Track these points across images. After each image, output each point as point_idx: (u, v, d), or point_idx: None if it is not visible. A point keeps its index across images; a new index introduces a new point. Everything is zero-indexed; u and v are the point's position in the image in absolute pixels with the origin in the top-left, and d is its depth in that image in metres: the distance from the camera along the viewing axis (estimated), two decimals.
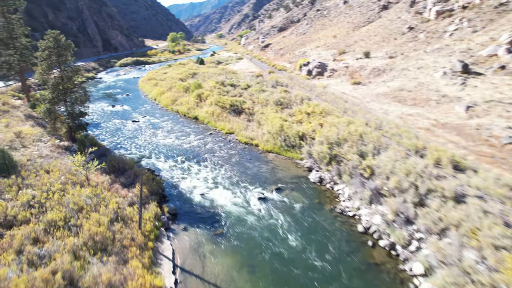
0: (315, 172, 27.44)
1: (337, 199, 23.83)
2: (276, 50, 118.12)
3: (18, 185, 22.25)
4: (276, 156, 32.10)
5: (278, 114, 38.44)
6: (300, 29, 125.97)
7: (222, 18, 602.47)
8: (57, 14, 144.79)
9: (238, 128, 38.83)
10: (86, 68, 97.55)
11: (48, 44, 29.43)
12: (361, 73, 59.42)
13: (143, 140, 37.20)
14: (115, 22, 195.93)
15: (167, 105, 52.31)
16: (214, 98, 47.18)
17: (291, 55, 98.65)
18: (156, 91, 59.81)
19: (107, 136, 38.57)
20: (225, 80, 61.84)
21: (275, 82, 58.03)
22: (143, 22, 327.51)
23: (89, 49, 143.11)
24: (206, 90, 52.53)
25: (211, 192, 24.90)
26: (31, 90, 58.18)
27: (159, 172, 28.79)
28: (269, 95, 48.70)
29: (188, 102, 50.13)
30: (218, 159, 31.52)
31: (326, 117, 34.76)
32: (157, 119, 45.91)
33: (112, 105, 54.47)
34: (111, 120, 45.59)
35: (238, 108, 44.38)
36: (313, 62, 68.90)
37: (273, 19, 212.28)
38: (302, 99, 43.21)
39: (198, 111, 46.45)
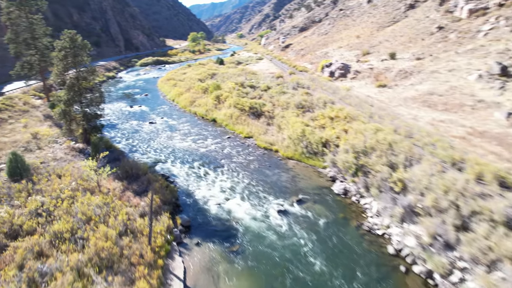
0: (339, 183, 25.44)
1: (364, 214, 21.80)
2: (297, 50, 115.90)
3: (28, 191, 21.38)
4: (297, 164, 30.25)
5: (300, 118, 36.53)
6: (322, 29, 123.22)
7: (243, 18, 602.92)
8: (82, 15, 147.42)
9: (257, 132, 37.20)
10: (106, 68, 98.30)
11: (64, 44, 28.63)
12: (386, 75, 56.66)
13: (159, 143, 36.11)
14: (137, 22, 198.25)
15: (185, 107, 51.25)
16: (233, 100, 45.72)
17: (312, 56, 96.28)
18: (175, 91, 58.96)
19: (122, 138, 37.70)
20: (244, 81, 60.35)
21: (296, 83, 56.07)
22: (165, 22, 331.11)
23: (111, 48, 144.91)
24: (225, 91, 51.15)
25: (228, 202, 23.33)
26: (51, 90, 58.46)
27: (174, 178, 27.47)
28: (290, 97, 46.82)
29: (206, 103, 48.89)
30: (236, 165, 29.95)
31: (351, 123, 32.62)
32: (175, 121, 44.84)
33: (130, 106, 53.93)
34: (128, 121, 44.85)
35: (257, 111, 42.74)
36: (336, 63, 66.48)
37: (294, 19, 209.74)
38: (325, 103, 41.14)
39: (216, 113, 45.10)
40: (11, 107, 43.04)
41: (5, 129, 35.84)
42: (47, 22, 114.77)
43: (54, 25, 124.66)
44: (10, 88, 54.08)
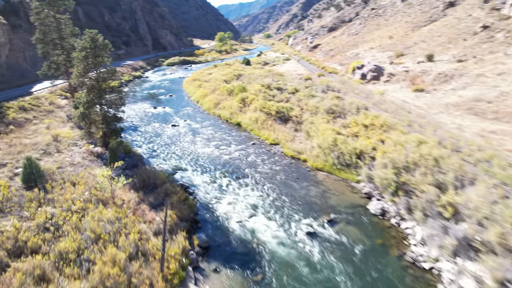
0: (376, 202, 22.65)
1: (406, 241, 18.96)
2: (325, 51, 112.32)
3: (39, 200, 20.08)
4: (328, 176, 27.62)
5: (330, 125, 33.79)
6: (352, 29, 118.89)
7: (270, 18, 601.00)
8: (113, 15, 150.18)
9: (284, 139, 34.80)
10: (133, 67, 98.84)
11: (85, 45, 27.44)
12: (423, 78, 52.64)
13: (180, 148, 34.47)
14: (165, 22, 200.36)
15: (209, 109, 49.60)
16: (259, 103, 43.53)
17: (342, 57, 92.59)
18: (199, 93, 57.52)
19: (143, 142, 36.36)
20: (271, 83, 58.05)
21: (326, 86, 53.16)
22: (193, 22, 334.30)
23: (139, 48, 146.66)
24: (251, 93, 49.05)
25: (251, 220, 21.11)
26: (77, 90, 58.54)
27: (194, 189, 25.57)
28: (319, 101, 44.08)
29: (231, 106, 46.99)
30: (261, 176, 27.71)
31: (388, 132, 29.60)
32: (198, 123, 43.21)
33: (154, 107, 52.92)
34: (151, 123, 43.64)
35: (284, 115, 40.34)
36: (368, 65, 62.87)
37: (323, 19, 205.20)
38: (358, 108, 38.15)
39: (241, 116, 43.06)
40: (37, 107, 42.88)
41: (28, 130, 35.37)
42: (79, 23, 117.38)
43: (86, 26, 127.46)
44: (39, 87, 54.48)
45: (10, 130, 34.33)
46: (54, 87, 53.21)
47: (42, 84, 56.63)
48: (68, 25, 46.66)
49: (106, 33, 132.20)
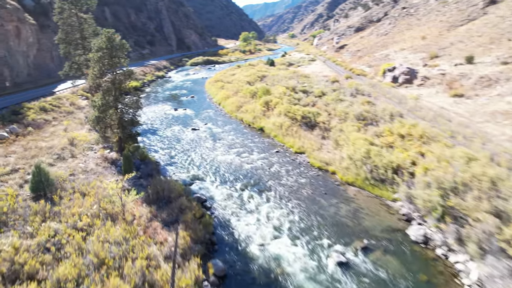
0: (417, 227, 19.76)
1: (457, 279, 16.07)
2: (353, 51, 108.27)
3: (44, 214, 18.52)
4: (359, 192, 24.87)
5: (362, 134, 30.92)
6: (381, 29, 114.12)
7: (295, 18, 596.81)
8: (139, 15, 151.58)
9: (311, 148, 32.21)
10: (157, 67, 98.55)
11: (101, 45, 25.93)
12: (462, 82, 48.54)
13: (200, 154, 32.56)
14: (190, 22, 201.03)
15: (231, 112, 47.60)
16: (283, 107, 41.09)
17: (370, 58, 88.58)
18: (222, 94, 55.69)
19: (161, 147, 34.69)
20: (296, 85, 55.42)
21: (355, 90, 50.02)
22: (218, 21, 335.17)
23: (163, 47, 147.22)
24: (275, 97, 46.66)
25: (274, 244, 18.75)
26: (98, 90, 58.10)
27: (211, 202, 23.47)
28: (348, 106, 41.15)
29: (254, 109, 44.77)
30: (285, 189, 25.31)
31: (428, 144, 26.47)
32: (219, 127, 41.27)
33: (174, 108, 51.48)
34: (171, 126, 42.08)
35: (311, 121, 37.72)
36: (400, 68, 59.09)
37: (349, 19, 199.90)
38: (391, 115, 35.03)
39: (265, 121, 40.75)
40: (57, 108, 42.25)
41: (46, 132, 34.50)
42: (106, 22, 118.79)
43: (112, 25, 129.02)
44: (62, 87, 54.27)
45: (28, 132, 33.54)
46: (75, 87, 52.78)
47: (65, 84, 56.48)
48: (90, 24, 45.87)
49: (132, 32, 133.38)
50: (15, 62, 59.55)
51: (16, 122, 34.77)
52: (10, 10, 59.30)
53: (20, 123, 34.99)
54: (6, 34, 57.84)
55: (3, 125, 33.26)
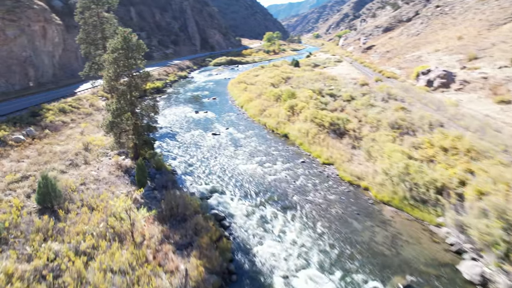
0: (472, 263, 16.73)
1: None
2: (381, 53, 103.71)
3: (47, 231, 16.83)
4: (397, 213, 21.97)
5: (398, 146, 27.88)
6: (412, 29, 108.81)
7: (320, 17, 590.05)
8: (163, 14, 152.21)
9: (340, 158, 29.44)
10: (179, 67, 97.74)
11: (116, 45, 24.23)
12: (509, 87, 44.23)
13: (219, 163, 30.44)
14: (214, 21, 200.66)
15: (254, 116, 45.32)
16: (309, 112, 38.42)
17: (401, 60, 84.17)
18: (244, 97, 53.54)
19: (179, 153, 32.80)
20: (323, 88, 52.53)
21: (386, 94, 46.64)
22: (242, 21, 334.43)
23: (187, 47, 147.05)
24: (301, 100, 44.02)
25: (300, 276, 16.26)
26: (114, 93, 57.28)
27: (230, 221, 21.23)
28: (380, 112, 38.05)
29: (278, 114, 42.31)
30: (312, 207, 22.75)
31: (478, 160, 23.21)
32: (241, 133, 39.08)
33: (195, 111, 49.75)
34: (190, 131, 40.25)
35: (339, 128, 34.89)
36: (436, 70, 55.00)
37: (377, 18, 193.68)
38: (430, 124, 31.73)
39: (289, 127, 38.21)
40: (76, 109, 41.36)
41: (63, 135, 33.41)
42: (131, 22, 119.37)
43: (137, 25, 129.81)
44: (84, 87, 53.73)
45: (45, 135, 32.51)
46: (95, 88, 52.02)
47: (87, 84, 55.94)
48: (112, 24, 44.71)
49: (156, 32, 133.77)
50: (40, 62, 59.71)
51: (34, 124, 33.86)
52: (37, 10, 59.51)
53: (37, 125, 34.06)
54: (32, 34, 58.01)
55: (21, 128, 32.36)
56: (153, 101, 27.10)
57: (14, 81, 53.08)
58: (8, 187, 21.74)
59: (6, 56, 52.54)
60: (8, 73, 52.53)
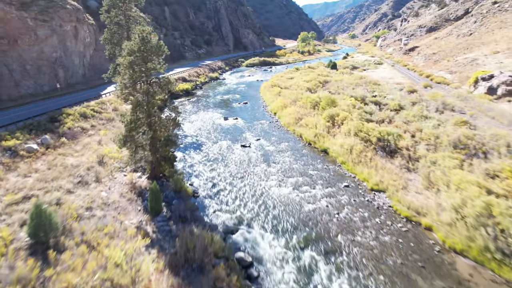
0: None
1: None
2: (427, 55, 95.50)
3: (29, 281, 13.40)
4: (477, 270, 16.77)
5: (469, 175, 22.39)
6: (463, 28, 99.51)
7: (356, 17, 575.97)
8: (197, 14, 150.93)
9: (392, 184, 24.37)
10: (211, 68, 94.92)
11: (133, 47, 20.71)
12: None
13: (248, 183, 26.27)
14: (248, 21, 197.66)
15: (289, 125, 40.84)
16: (353, 125, 33.45)
17: (451, 63, 76.30)
18: (278, 102, 49.16)
19: (203, 171, 28.86)
20: (365, 95, 47.08)
21: (441, 104, 40.55)
22: (276, 21, 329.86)
23: (220, 47, 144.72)
24: (342, 109, 39.03)
25: None
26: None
27: (259, 269, 16.94)
28: (437, 127, 32.44)
29: (316, 124, 37.58)
30: (362, 252, 18.03)
31: None
32: (273, 145, 34.80)
33: (225, 117, 45.98)
34: (218, 141, 36.44)
35: (389, 145, 29.69)
36: (500, 76, 47.84)
37: (420, 18, 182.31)
38: (508, 146, 25.85)
39: (330, 141, 33.40)
40: (98, 114, 38.82)
41: (79, 144, 30.65)
42: (165, 22, 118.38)
43: (171, 25, 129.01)
44: (111, 89, 51.65)
45: (61, 144, 29.86)
46: None
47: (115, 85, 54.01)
48: (139, 23, 41.83)
49: (189, 32, 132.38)
50: (70, 62, 58.54)
51: (51, 131, 31.35)
52: (69, 10, 58.34)
53: (54, 132, 31.53)
54: (64, 34, 56.86)
55: (36, 135, 29.88)
56: (175, 111, 23.42)
57: (44, 82, 51.89)
58: (4, 210, 18.78)
59: (36, 57, 51.45)
60: (37, 74, 51.40)
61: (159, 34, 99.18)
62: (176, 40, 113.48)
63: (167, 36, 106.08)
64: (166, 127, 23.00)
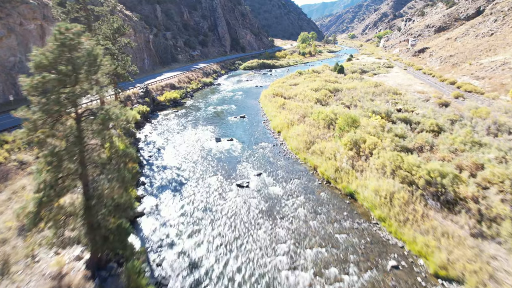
0: None
1: None
2: (442, 57, 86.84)
3: None
4: None
5: None
6: (481, 28, 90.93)
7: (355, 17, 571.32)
8: (192, 13, 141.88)
9: (470, 269, 15.50)
10: (205, 71, 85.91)
11: (44, 60, 11.79)
12: None
13: (245, 264, 17.26)
14: (246, 21, 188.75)
15: (298, 150, 31.97)
16: (387, 158, 24.58)
17: (474, 66, 67.66)
18: (282, 118, 40.26)
19: (179, 238, 19.55)
20: (389, 109, 38.24)
21: (494, 124, 31.78)
22: (274, 21, 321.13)
23: (216, 48, 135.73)
24: (367, 131, 30.19)
25: None
26: (127, 104, 45.72)
27: None
28: (502, 160, 23.68)
29: (334, 152, 28.70)
30: None
31: None
32: (280, 184, 25.91)
33: (216, 138, 36.93)
34: (205, 178, 27.45)
35: (444, 191, 20.83)
36: None
37: (427, 17, 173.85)
38: None
39: (357, 181, 24.43)
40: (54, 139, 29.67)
41: (6, 190, 21.63)
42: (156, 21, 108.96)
43: (163, 25, 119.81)
44: None
45: None
46: None
47: None
48: (108, 20, 32.90)
49: (183, 32, 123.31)
50: None
51: None
52: (32, 6, 49.29)
53: None
54: (25, 34, 47.84)
55: None
56: (122, 160, 14.43)
57: None
58: None
59: None
60: None
61: (148, 34, 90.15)
62: (168, 41, 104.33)
63: (157, 37, 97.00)
64: (112, 186, 14.04)
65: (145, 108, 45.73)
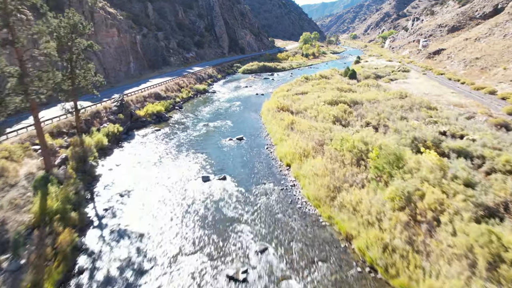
0: None
1: None
2: (466, 60, 77.25)
3: None
4: None
5: None
6: (509, 27, 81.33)
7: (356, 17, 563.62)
8: (188, 12, 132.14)
9: None
10: (198, 77, 76.20)
11: None
12: None
13: None
14: (246, 21, 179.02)
15: (318, 202, 22.25)
16: (475, 236, 14.93)
17: (511, 71, 58.04)
18: (291, 144, 30.58)
19: None
20: (436, 135, 28.51)
21: None
22: (275, 21, 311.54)
23: (213, 49, 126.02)
24: (424, 178, 20.45)
25: None
26: (94, 123, 36.16)
27: None
28: None
29: (371, 210, 19.02)
30: None
31: None
32: (295, 272, 16.26)
33: (204, 177, 27.00)
34: (180, 259, 17.68)
35: None
36: None
37: (437, 16, 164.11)
38: None
39: (429, 282, 14.71)
40: None
41: None
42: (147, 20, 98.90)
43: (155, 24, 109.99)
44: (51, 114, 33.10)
45: None
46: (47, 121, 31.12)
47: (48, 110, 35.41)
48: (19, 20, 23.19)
49: (177, 32, 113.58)
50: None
51: None
52: None
53: None
54: None
55: None
56: None
57: None
58: None
59: None
60: None
61: (135, 35, 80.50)
62: (159, 42, 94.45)
63: (146, 38, 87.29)
64: None
65: (117, 128, 36.01)
